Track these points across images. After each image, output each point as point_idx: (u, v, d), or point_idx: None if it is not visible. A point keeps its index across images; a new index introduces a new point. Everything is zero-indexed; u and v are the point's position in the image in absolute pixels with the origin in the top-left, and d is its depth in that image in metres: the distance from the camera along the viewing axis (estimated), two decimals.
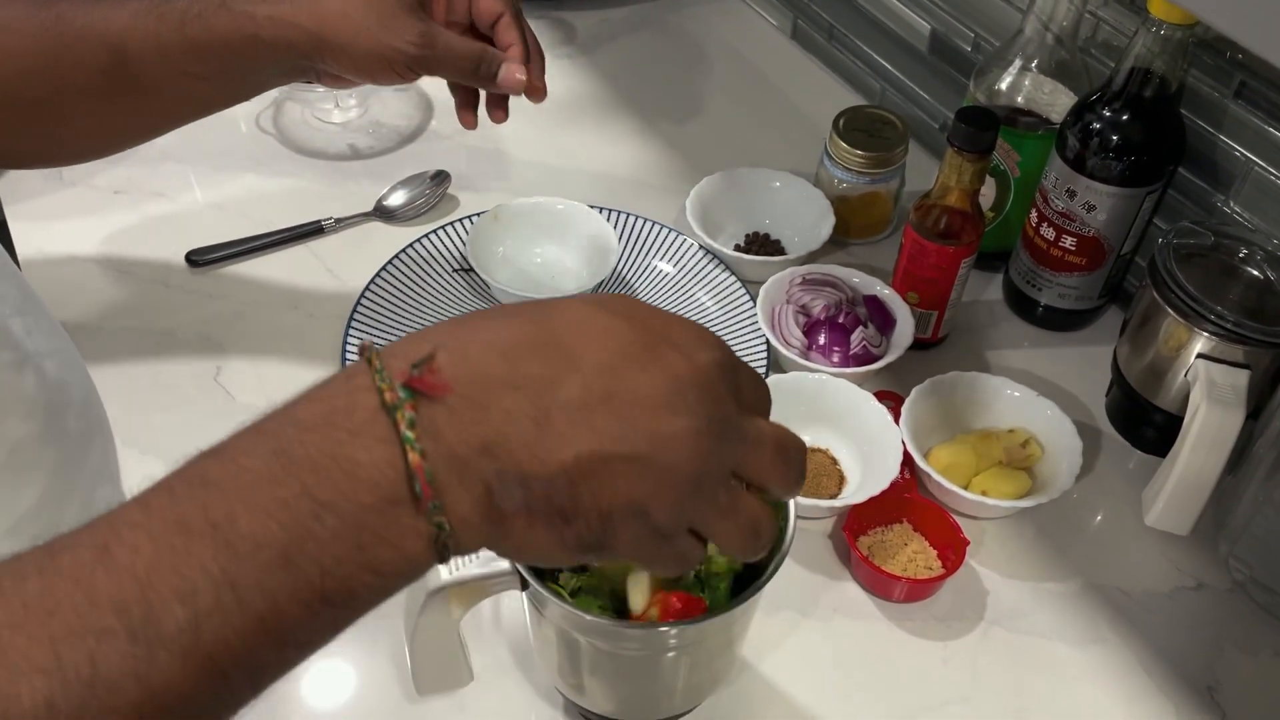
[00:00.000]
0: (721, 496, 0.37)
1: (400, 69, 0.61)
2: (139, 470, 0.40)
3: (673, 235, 0.85)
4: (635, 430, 0.34)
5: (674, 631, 0.51)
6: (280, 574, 0.31)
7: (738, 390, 0.38)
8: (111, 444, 0.56)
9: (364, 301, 0.79)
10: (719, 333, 0.79)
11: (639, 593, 0.51)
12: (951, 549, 0.66)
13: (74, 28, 0.57)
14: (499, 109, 0.71)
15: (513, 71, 0.65)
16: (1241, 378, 0.65)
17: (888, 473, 0.67)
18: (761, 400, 0.40)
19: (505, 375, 0.34)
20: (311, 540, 0.31)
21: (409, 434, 0.32)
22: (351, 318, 0.77)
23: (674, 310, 0.81)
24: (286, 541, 0.31)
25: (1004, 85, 0.78)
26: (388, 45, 0.59)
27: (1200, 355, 0.67)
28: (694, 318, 0.80)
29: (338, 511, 0.31)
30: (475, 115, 0.71)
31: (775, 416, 0.75)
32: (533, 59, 0.67)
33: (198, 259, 0.83)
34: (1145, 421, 0.74)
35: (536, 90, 0.67)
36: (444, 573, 0.49)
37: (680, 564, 0.38)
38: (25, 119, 0.59)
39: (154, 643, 0.29)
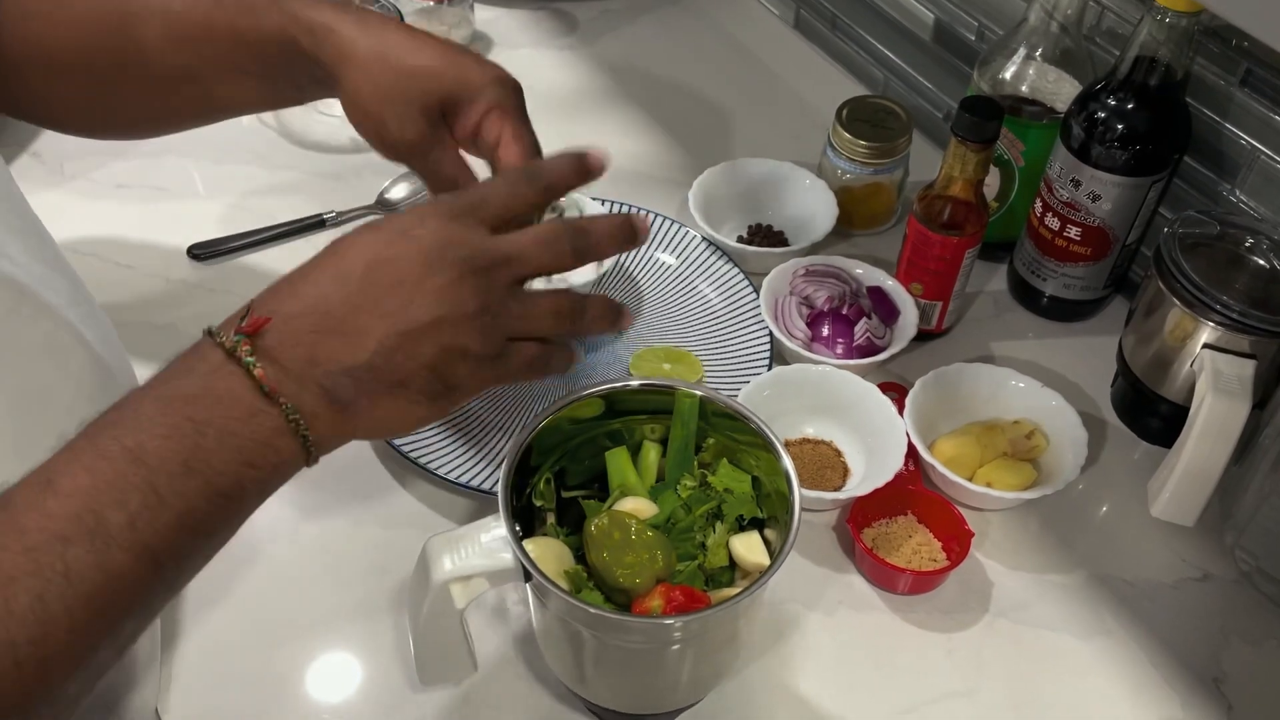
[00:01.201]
0: (513, 305, 0.46)
1: (379, 147, 0.59)
2: None
3: (675, 227, 0.85)
4: (413, 300, 0.44)
5: (677, 624, 0.51)
6: (185, 479, 0.40)
7: (479, 222, 0.47)
8: None
9: None
10: (723, 326, 0.79)
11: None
12: (956, 541, 0.66)
13: (138, 3, 0.58)
14: None
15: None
16: (1247, 368, 0.65)
17: (892, 465, 0.67)
18: (505, 206, 0.48)
19: (307, 305, 0.44)
20: (201, 451, 0.41)
21: (250, 359, 0.42)
22: None
23: (677, 303, 0.81)
24: (185, 454, 0.40)
25: (1008, 74, 0.78)
26: (384, 123, 0.57)
27: (1206, 345, 0.66)
28: (697, 309, 0.81)
29: (215, 427, 0.41)
30: None
31: (778, 409, 0.74)
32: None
33: (200, 252, 0.83)
34: (1151, 412, 0.74)
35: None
36: (447, 564, 0.49)
37: (530, 369, 0.48)
38: (83, 89, 0.60)
39: (107, 539, 0.38)
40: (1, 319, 0.46)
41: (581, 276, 0.80)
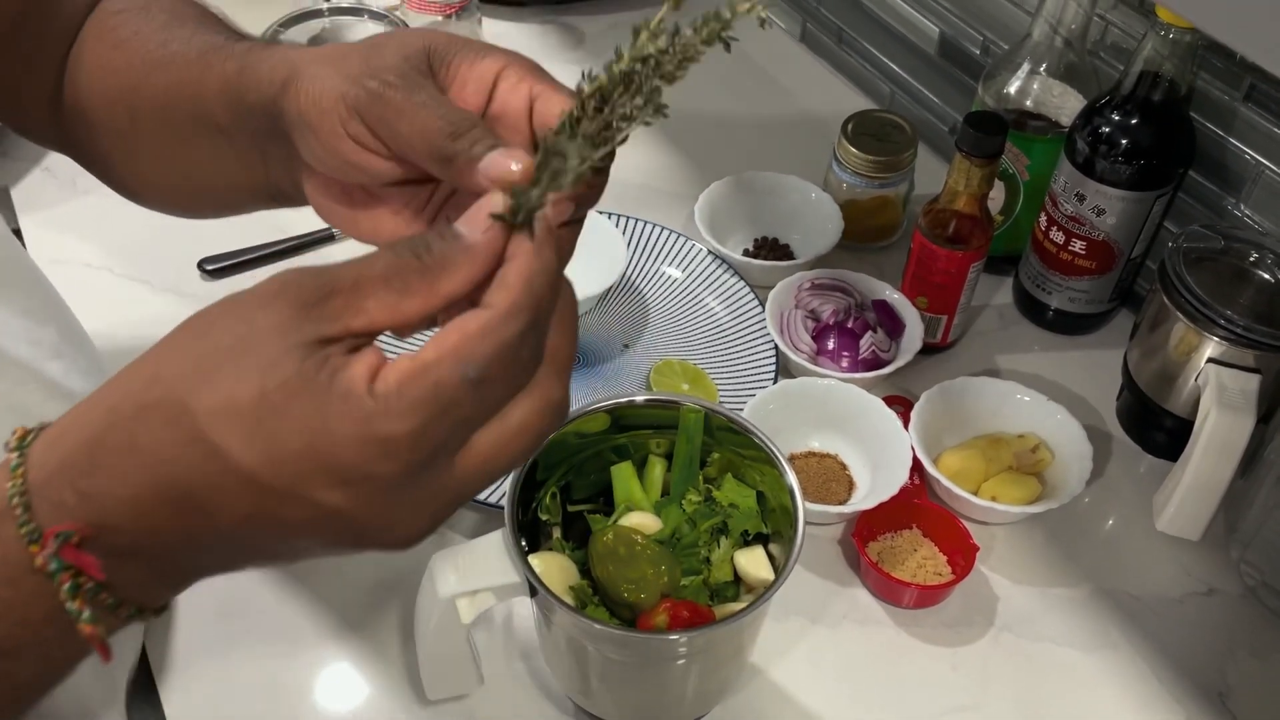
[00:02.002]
0: (440, 465, 0.33)
1: (347, 123, 0.40)
2: None
3: (681, 240, 0.86)
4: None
5: (682, 639, 0.51)
6: None
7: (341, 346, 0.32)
8: None
9: None
10: (728, 339, 0.80)
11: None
12: (961, 554, 0.66)
13: (163, 55, 0.48)
14: None
15: (504, 158, 0.36)
16: (1252, 382, 0.65)
17: (897, 478, 0.67)
18: (390, 321, 0.33)
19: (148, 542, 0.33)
20: None
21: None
22: None
23: (683, 316, 0.81)
24: None
25: (1013, 89, 0.78)
26: (348, 84, 0.40)
27: (1210, 360, 0.66)
28: (703, 323, 0.81)
29: None
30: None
31: (784, 422, 0.74)
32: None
33: (210, 267, 0.83)
34: (1156, 426, 0.74)
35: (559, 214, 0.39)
36: (454, 579, 0.50)
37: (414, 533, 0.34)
38: (107, 149, 0.53)
39: None
40: None
41: (586, 291, 0.80)
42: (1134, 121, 0.71)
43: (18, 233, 0.86)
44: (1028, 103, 0.78)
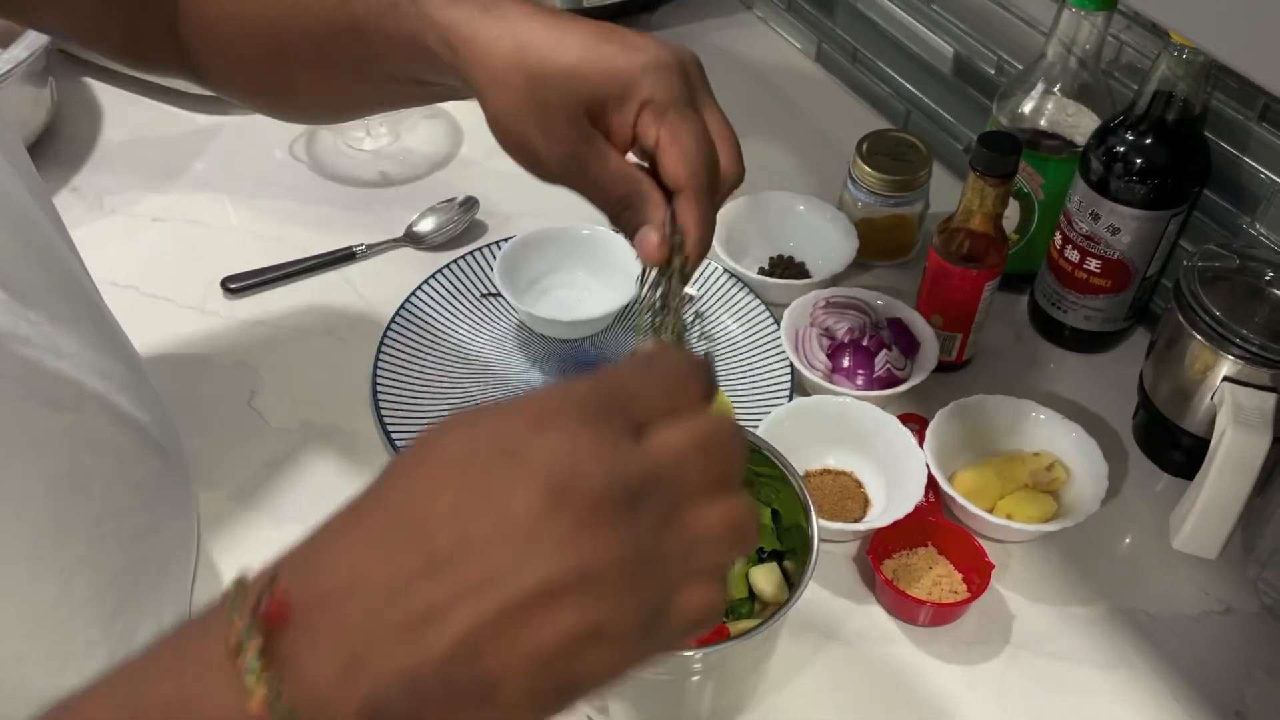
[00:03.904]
0: (674, 543, 0.30)
1: (530, 169, 0.48)
2: None
3: None
4: (522, 559, 0.28)
5: (697, 656, 0.51)
6: None
7: (625, 425, 0.31)
8: (195, 506, 0.59)
9: (394, 326, 0.80)
10: (743, 357, 0.80)
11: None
12: (977, 573, 0.66)
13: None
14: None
15: (650, 240, 0.45)
16: (1268, 401, 0.65)
17: (912, 496, 0.68)
18: (665, 402, 0.32)
19: (355, 575, 0.29)
20: None
21: (253, 671, 0.27)
22: (382, 342, 0.79)
23: (698, 333, 0.82)
24: None
25: (1027, 108, 0.79)
26: (527, 143, 0.46)
27: (1226, 378, 0.66)
28: (719, 341, 0.82)
29: None
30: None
31: (799, 440, 0.74)
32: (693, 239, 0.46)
33: (233, 285, 0.85)
34: (1172, 444, 0.74)
35: (688, 233, 0.46)
36: None
37: (698, 624, 0.32)
38: (252, 70, 0.56)
39: None
40: (33, 412, 0.45)
41: (604, 308, 0.81)
42: (1148, 141, 0.71)
43: None
44: (1042, 122, 0.79)
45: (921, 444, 0.70)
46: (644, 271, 0.46)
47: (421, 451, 0.31)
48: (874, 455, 0.72)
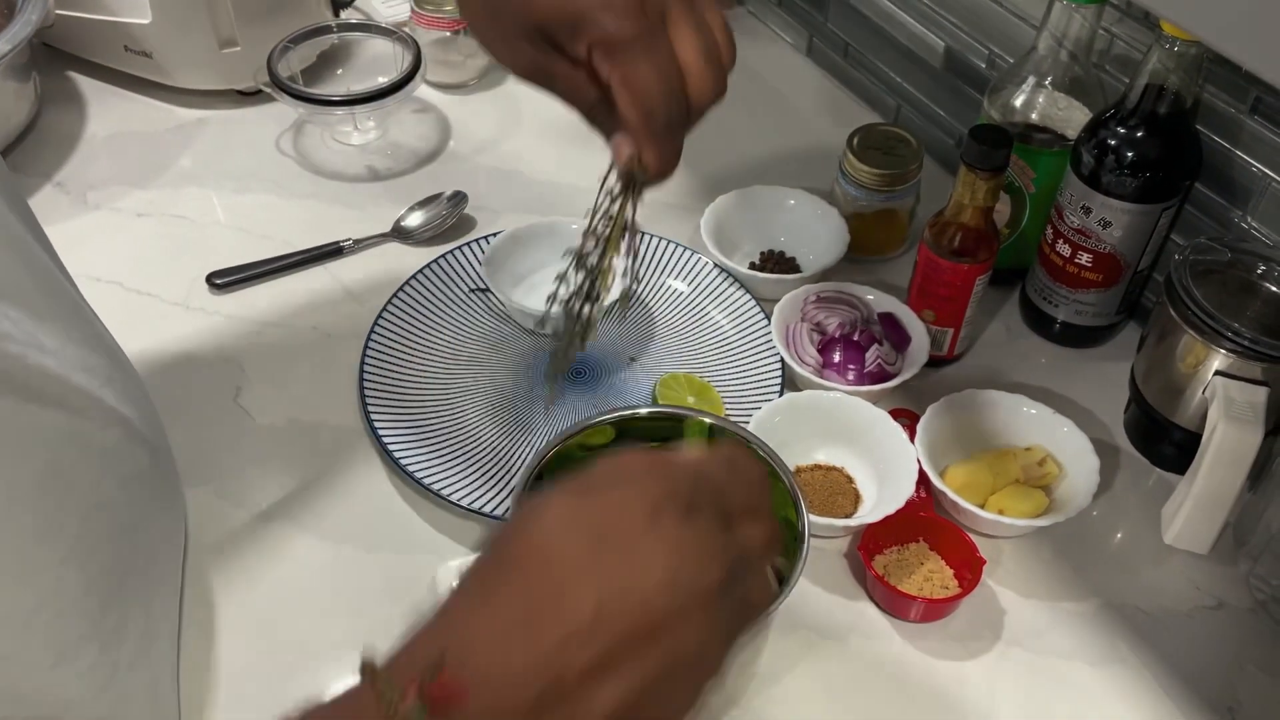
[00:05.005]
0: (738, 594, 0.38)
1: (508, 69, 0.51)
2: None
3: (687, 254, 0.86)
4: (653, 641, 0.34)
5: None
6: None
7: (721, 519, 0.38)
8: (182, 501, 0.59)
9: (382, 321, 0.79)
10: (734, 352, 0.80)
11: None
12: (968, 568, 0.65)
13: None
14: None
15: (622, 150, 0.49)
16: (1260, 395, 0.65)
17: (903, 491, 0.67)
18: (747, 499, 0.40)
19: (529, 660, 0.33)
20: None
21: None
22: (369, 338, 0.78)
23: (689, 329, 0.82)
24: None
25: (1018, 102, 0.78)
26: (495, 50, 0.51)
27: (1218, 372, 0.66)
28: (709, 336, 0.81)
29: None
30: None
31: (790, 435, 0.74)
32: (655, 127, 0.48)
33: (219, 281, 0.84)
34: (1164, 439, 0.73)
35: (649, 168, 0.49)
36: None
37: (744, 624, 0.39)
38: None
39: None
40: (17, 408, 0.45)
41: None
42: (1140, 134, 0.71)
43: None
44: (1033, 116, 0.78)
45: (913, 439, 0.70)
46: (608, 171, 0.50)
47: (540, 538, 0.35)
48: (865, 451, 0.72)
